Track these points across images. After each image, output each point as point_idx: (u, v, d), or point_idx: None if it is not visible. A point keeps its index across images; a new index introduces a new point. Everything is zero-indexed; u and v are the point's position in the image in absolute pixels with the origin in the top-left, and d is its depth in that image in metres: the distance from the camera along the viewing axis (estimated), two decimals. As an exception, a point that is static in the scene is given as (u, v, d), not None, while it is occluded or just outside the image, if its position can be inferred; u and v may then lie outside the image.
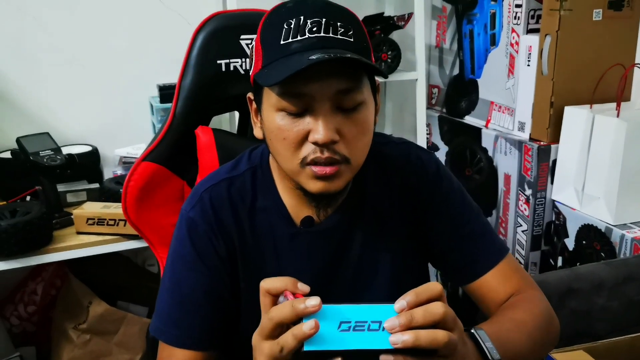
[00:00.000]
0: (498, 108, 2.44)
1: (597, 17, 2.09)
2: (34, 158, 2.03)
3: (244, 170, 1.22)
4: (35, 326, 2.45)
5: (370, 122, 1.08)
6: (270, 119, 1.05)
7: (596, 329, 1.62)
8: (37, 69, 2.42)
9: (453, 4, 2.69)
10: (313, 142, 1.01)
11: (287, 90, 1.00)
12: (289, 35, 1.00)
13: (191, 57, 1.57)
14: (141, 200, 1.54)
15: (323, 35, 1.00)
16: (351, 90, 1.01)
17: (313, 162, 1.03)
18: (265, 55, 1.04)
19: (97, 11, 2.45)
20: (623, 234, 1.89)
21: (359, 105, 1.04)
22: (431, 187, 1.23)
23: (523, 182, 2.25)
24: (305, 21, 1.00)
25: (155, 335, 1.22)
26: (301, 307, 0.84)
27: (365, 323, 0.85)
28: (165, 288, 1.22)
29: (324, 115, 1.00)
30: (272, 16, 1.06)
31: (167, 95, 2.34)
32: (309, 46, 0.99)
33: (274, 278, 0.89)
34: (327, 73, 0.98)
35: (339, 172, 1.04)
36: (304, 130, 1.02)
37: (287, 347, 0.84)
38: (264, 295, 0.89)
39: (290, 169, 1.07)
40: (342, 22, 1.02)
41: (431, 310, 0.84)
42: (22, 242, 1.88)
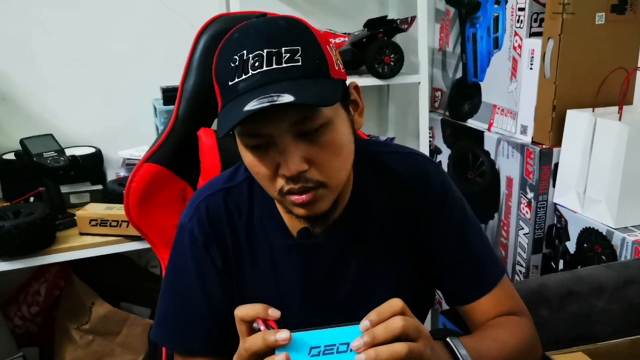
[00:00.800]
0: (500, 111, 2.44)
1: (600, 20, 2.10)
2: (38, 159, 2.03)
3: (241, 180, 1.22)
4: (38, 327, 2.46)
5: (343, 139, 1.04)
6: (244, 155, 1.05)
7: (596, 331, 1.62)
8: (40, 71, 2.43)
9: (456, 7, 2.69)
10: (282, 176, 1.01)
11: (244, 132, 1.00)
12: (234, 75, 0.98)
13: (193, 60, 1.58)
14: (143, 201, 1.54)
15: (266, 70, 0.96)
16: (308, 118, 0.98)
17: (289, 192, 1.02)
18: (222, 96, 1.02)
19: (100, 13, 2.46)
20: (624, 237, 1.89)
21: (321, 127, 1.00)
22: (435, 203, 1.21)
23: (525, 185, 2.25)
24: (248, 56, 0.97)
25: (159, 343, 1.24)
26: (272, 339, 0.89)
27: (334, 346, 0.90)
28: (166, 294, 1.24)
29: (287, 148, 0.98)
30: (221, 50, 1.04)
31: (170, 98, 2.35)
32: (253, 84, 0.96)
33: (246, 305, 0.93)
34: (279, 111, 0.96)
35: (317, 197, 1.03)
36: (272, 164, 1.01)
37: (252, 347, 0.89)
38: (238, 322, 0.93)
39: (273, 196, 1.07)
40: (286, 47, 0.98)
41: (391, 325, 0.88)
42: (25, 243, 1.89)
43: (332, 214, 1.12)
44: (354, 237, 1.19)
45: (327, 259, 1.19)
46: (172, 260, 1.24)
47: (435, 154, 2.87)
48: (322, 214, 1.06)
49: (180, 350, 1.21)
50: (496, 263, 1.26)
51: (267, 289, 1.20)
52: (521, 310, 1.26)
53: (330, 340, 0.90)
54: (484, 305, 1.21)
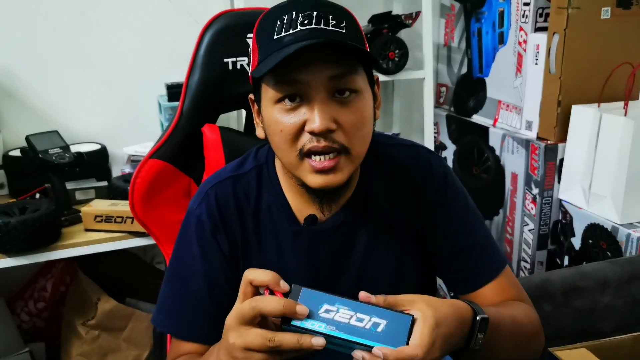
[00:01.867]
0: (506, 107, 2.44)
1: (606, 15, 2.09)
2: (43, 156, 2.04)
3: (250, 168, 1.23)
4: (44, 322, 2.47)
5: (369, 113, 1.08)
6: (269, 114, 1.06)
7: (600, 327, 1.62)
8: (46, 67, 2.43)
9: (461, 2, 2.69)
10: (309, 132, 1.02)
11: (281, 80, 1.01)
12: (282, 30, 1.01)
13: (198, 56, 1.58)
14: (148, 197, 1.55)
15: (314, 27, 1.01)
16: (344, 75, 1.02)
17: (311, 153, 1.03)
18: (261, 52, 1.05)
19: (106, 10, 2.46)
20: (629, 233, 1.89)
21: (354, 93, 1.04)
22: (437, 193, 1.23)
23: (530, 181, 2.25)
24: (297, 15, 1.01)
25: (158, 327, 1.24)
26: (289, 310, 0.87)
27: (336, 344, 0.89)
28: (168, 280, 1.24)
29: (319, 103, 1.01)
30: (266, 16, 1.08)
31: (175, 94, 2.35)
32: (301, 37, 1.00)
33: (259, 270, 0.92)
34: (320, 60, 1.00)
35: (339, 165, 1.05)
36: (300, 121, 1.03)
37: (285, 345, 0.87)
38: (246, 284, 0.91)
39: (289, 162, 1.07)
40: (333, 15, 1.03)
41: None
42: (31, 239, 1.89)
43: (343, 193, 1.15)
44: (359, 224, 1.21)
45: (332, 245, 1.20)
46: (178, 245, 1.25)
47: (441, 149, 2.87)
48: (337, 187, 1.07)
49: (178, 335, 1.20)
50: (498, 253, 1.26)
51: None
52: (525, 299, 1.26)
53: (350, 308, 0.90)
54: (487, 293, 1.21)
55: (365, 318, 0.89)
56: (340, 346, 0.89)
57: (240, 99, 1.65)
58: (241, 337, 0.89)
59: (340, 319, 0.89)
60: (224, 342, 0.93)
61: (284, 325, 0.89)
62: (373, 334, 0.88)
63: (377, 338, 0.88)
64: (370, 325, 0.88)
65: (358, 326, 0.88)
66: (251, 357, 0.89)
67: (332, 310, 0.89)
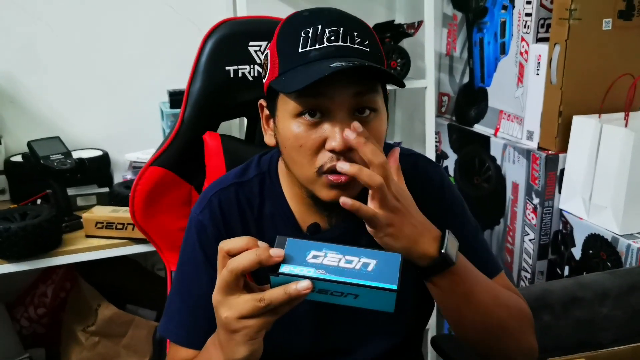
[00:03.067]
0: (507, 117, 2.44)
1: (607, 26, 2.09)
2: (45, 162, 2.05)
3: (253, 176, 1.24)
4: (45, 328, 2.47)
5: (384, 132, 1.10)
6: (286, 126, 1.06)
7: (600, 338, 1.61)
8: (48, 73, 2.44)
9: (464, 12, 2.69)
10: (330, 150, 1.02)
11: (305, 94, 1.01)
12: (307, 44, 1.02)
13: (200, 64, 1.59)
14: (149, 204, 1.55)
15: (341, 45, 1.02)
16: (368, 92, 1.04)
17: (330, 171, 1.04)
18: (283, 63, 1.05)
19: (108, 16, 2.47)
20: (629, 243, 1.89)
21: (374, 112, 1.06)
22: (435, 200, 1.24)
23: (531, 191, 2.25)
24: (323, 30, 1.03)
25: (163, 335, 1.24)
26: (264, 256, 0.86)
27: (328, 291, 0.88)
28: (174, 289, 1.24)
29: (342, 121, 1.02)
30: (287, 24, 1.08)
31: (177, 101, 2.35)
32: (327, 54, 1.01)
33: (234, 238, 0.90)
34: (345, 81, 1.01)
35: (353, 182, 1.05)
36: (320, 138, 1.03)
37: (275, 300, 0.86)
38: (223, 257, 0.89)
39: (306, 177, 1.08)
40: (357, 32, 1.05)
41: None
42: (31, 245, 1.89)
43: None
44: (360, 232, 1.20)
45: None
46: (182, 252, 1.25)
47: (442, 158, 2.87)
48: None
49: (183, 343, 1.20)
50: (493, 259, 1.28)
51: None
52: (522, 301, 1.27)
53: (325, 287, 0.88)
54: None
55: (354, 259, 0.88)
56: (332, 295, 0.89)
57: (242, 107, 1.66)
58: (232, 308, 0.88)
59: (329, 262, 0.88)
60: (218, 321, 0.92)
61: (272, 276, 0.88)
62: (364, 274, 0.87)
63: (369, 277, 0.87)
64: (360, 265, 0.88)
65: (348, 267, 0.87)
66: (248, 325, 0.88)
67: (319, 255, 0.88)
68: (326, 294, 0.88)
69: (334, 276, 0.86)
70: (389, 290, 0.86)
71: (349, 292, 0.87)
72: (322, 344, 1.23)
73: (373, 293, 0.87)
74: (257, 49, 1.60)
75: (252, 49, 1.60)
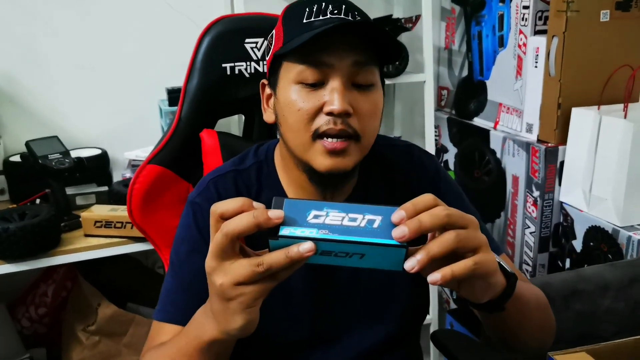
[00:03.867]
0: (506, 109, 2.43)
1: (605, 18, 2.08)
2: (43, 161, 2.04)
3: (250, 164, 1.25)
4: (46, 328, 2.47)
5: (381, 107, 1.13)
6: (287, 93, 1.10)
7: (601, 330, 1.61)
8: (47, 72, 2.43)
9: (461, 5, 2.68)
10: (327, 113, 1.06)
11: (306, 59, 1.06)
12: (312, 15, 1.07)
13: (196, 61, 1.58)
14: (146, 202, 1.55)
15: (343, 17, 1.07)
16: (366, 64, 1.07)
17: (325, 135, 1.06)
18: (287, 34, 1.10)
19: (107, 15, 2.46)
20: (630, 235, 1.88)
21: (371, 85, 1.09)
22: (430, 187, 1.22)
23: (531, 184, 2.24)
24: (327, 5, 1.08)
25: (154, 318, 1.21)
26: (262, 218, 0.80)
27: (332, 252, 0.82)
28: (169, 272, 1.24)
29: (340, 87, 1.05)
30: (293, 4, 1.14)
31: (175, 99, 2.34)
32: (330, 23, 1.04)
33: (228, 200, 0.84)
34: (346, 45, 1.05)
35: (349, 149, 1.08)
36: (319, 102, 1.07)
37: (275, 264, 0.80)
38: (216, 220, 0.83)
39: (301, 143, 1.09)
40: (359, 12, 1.11)
41: (436, 213, 0.81)
42: (30, 245, 1.89)
43: (345, 182, 1.19)
44: None
45: None
46: (177, 233, 1.24)
47: (442, 152, 2.86)
48: (342, 173, 1.10)
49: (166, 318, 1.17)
50: (494, 241, 1.28)
51: None
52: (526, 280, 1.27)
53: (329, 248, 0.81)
54: None
55: (358, 217, 0.81)
56: (336, 256, 0.83)
57: (239, 104, 1.66)
58: (227, 274, 0.82)
59: (332, 222, 0.81)
60: (211, 288, 0.86)
61: (272, 240, 0.81)
62: (370, 231, 0.80)
63: (375, 234, 0.80)
64: (365, 222, 0.81)
65: (352, 226, 0.81)
66: (245, 292, 0.82)
67: (321, 215, 0.81)
68: (330, 256, 0.83)
69: (338, 236, 0.80)
70: (398, 247, 0.80)
71: (354, 251, 0.82)
72: (317, 333, 1.23)
73: (381, 251, 0.81)
74: (254, 46, 1.60)
75: (248, 46, 1.60)
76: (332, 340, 1.25)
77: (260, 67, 1.61)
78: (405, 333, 1.30)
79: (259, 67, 1.61)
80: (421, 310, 1.35)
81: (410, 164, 1.28)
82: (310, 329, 1.23)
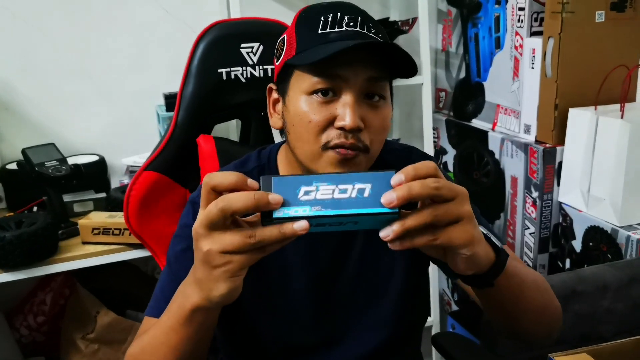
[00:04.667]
0: (504, 111, 2.43)
1: (600, 18, 2.08)
2: (39, 169, 2.03)
3: (252, 167, 1.26)
4: (44, 336, 2.46)
5: (389, 121, 1.14)
6: (298, 103, 1.10)
7: (601, 331, 1.61)
8: (43, 79, 2.43)
9: (458, 7, 2.68)
10: (339, 128, 1.06)
11: (322, 72, 1.06)
12: (327, 26, 1.08)
13: (192, 67, 1.58)
14: (143, 209, 1.55)
15: (359, 30, 1.08)
16: (380, 79, 1.08)
17: (335, 147, 1.06)
18: (301, 43, 1.10)
19: (103, 21, 2.46)
20: (629, 235, 1.88)
21: (382, 100, 1.10)
22: None
23: (529, 185, 2.24)
24: (343, 16, 1.08)
25: (145, 313, 1.20)
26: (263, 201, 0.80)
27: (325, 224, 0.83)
28: (164, 270, 1.23)
29: (353, 102, 1.05)
30: (306, 11, 1.14)
31: (172, 104, 2.33)
32: (347, 36, 1.06)
33: (222, 172, 0.84)
34: (360, 61, 1.05)
35: (358, 159, 1.08)
36: (331, 115, 1.07)
37: (267, 239, 0.81)
38: (208, 191, 0.83)
39: (310, 152, 1.09)
40: (373, 24, 1.12)
41: (426, 183, 0.82)
42: (27, 253, 1.88)
43: None
44: None
45: (333, 242, 1.22)
46: (176, 232, 1.24)
47: (441, 154, 2.86)
48: None
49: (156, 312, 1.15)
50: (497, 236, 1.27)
51: (271, 273, 1.21)
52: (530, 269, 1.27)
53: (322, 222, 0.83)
54: None
55: (348, 187, 0.83)
56: (329, 225, 0.84)
57: (235, 109, 1.66)
58: (216, 242, 0.82)
59: (323, 196, 0.82)
60: (197, 254, 0.86)
61: (265, 221, 0.82)
62: (361, 201, 0.82)
63: (367, 204, 0.82)
64: (356, 192, 0.83)
65: (343, 198, 0.82)
66: (232, 260, 0.82)
67: (311, 190, 0.82)
68: (324, 226, 0.85)
69: (331, 211, 0.81)
70: (389, 214, 0.82)
71: (348, 221, 0.83)
72: (317, 336, 1.23)
73: (374, 219, 0.83)
74: (249, 51, 1.60)
75: (244, 51, 1.60)
76: (333, 344, 1.25)
77: (256, 72, 1.60)
78: (405, 336, 1.30)
79: (255, 72, 1.60)
80: (421, 314, 1.35)
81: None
82: (311, 333, 1.23)
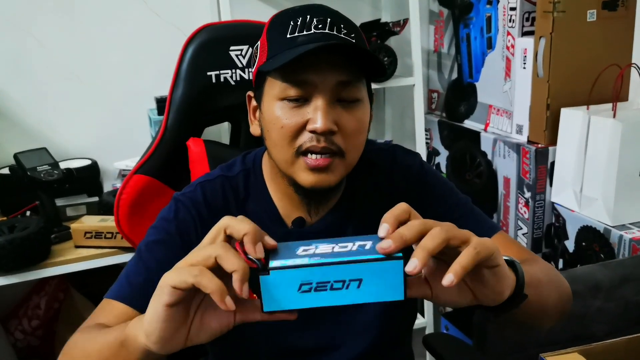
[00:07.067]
0: (496, 111, 2.43)
1: (592, 17, 2.09)
2: (32, 173, 2.03)
3: (238, 172, 1.25)
4: (39, 340, 2.46)
5: (366, 122, 1.12)
6: (271, 109, 1.09)
7: (593, 331, 1.61)
8: (35, 84, 2.43)
9: (449, 8, 2.68)
10: (311, 131, 1.05)
11: (290, 78, 1.04)
12: (295, 30, 1.06)
13: (181, 70, 1.58)
14: (134, 213, 1.55)
15: (327, 32, 1.05)
16: (351, 83, 1.06)
17: (308, 152, 1.05)
18: (271, 49, 1.09)
19: (94, 25, 2.46)
20: (621, 234, 1.88)
21: (357, 101, 1.08)
22: (417, 184, 1.26)
23: (522, 185, 2.24)
24: (312, 19, 1.06)
25: (105, 295, 1.18)
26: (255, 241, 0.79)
27: (327, 283, 0.78)
28: (133, 257, 1.20)
29: (324, 105, 1.04)
30: (278, 17, 1.13)
31: (164, 108, 2.33)
32: (314, 39, 1.04)
33: (240, 219, 0.83)
34: (330, 64, 1.04)
35: (333, 165, 1.07)
36: (302, 120, 1.06)
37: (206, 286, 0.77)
38: (218, 231, 0.83)
39: (284, 159, 1.09)
40: (344, 25, 1.08)
41: (412, 224, 0.80)
42: (19, 258, 1.88)
43: (331, 196, 1.19)
44: (345, 226, 1.23)
45: None
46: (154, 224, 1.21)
47: (434, 155, 2.86)
48: (327, 189, 1.10)
49: (119, 294, 1.14)
50: (489, 220, 1.30)
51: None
52: (529, 253, 1.27)
53: (324, 277, 0.78)
54: None
55: (348, 244, 0.81)
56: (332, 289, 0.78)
57: (225, 112, 1.65)
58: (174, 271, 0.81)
59: (322, 251, 0.79)
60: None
61: (263, 277, 0.78)
62: (363, 252, 0.79)
63: (369, 253, 0.78)
64: (357, 247, 0.80)
65: (343, 251, 0.79)
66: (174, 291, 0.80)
67: (310, 248, 0.80)
68: (326, 290, 0.78)
69: (331, 259, 0.77)
70: (395, 259, 0.78)
71: (351, 277, 0.77)
72: (308, 341, 1.23)
73: (379, 269, 0.77)
74: (239, 53, 1.60)
75: (233, 54, 1.59)
76: (324, 349, 1.24)
77: (245, 75, 1.60)
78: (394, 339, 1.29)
79: (245, 75, 1.60)
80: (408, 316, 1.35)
81: (395, 165, 1.28)
82: (301, 337, 1.22)
